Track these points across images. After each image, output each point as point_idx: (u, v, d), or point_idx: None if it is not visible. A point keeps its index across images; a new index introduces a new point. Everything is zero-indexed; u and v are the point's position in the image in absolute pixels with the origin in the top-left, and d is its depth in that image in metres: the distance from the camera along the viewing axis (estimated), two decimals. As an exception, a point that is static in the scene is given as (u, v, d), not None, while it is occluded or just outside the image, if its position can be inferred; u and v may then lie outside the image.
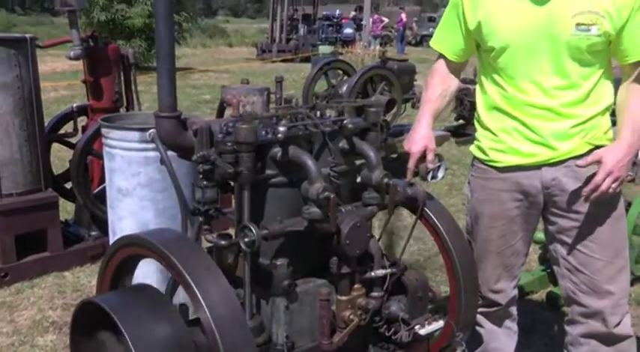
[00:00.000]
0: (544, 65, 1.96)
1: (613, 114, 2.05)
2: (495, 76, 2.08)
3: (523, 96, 2.01)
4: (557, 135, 2.00)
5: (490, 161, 2.14)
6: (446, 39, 2.19)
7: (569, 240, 2.07)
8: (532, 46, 1.95)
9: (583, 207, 2.02)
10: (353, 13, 26.98)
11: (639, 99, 1.96)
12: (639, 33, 1.90)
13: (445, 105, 2.26)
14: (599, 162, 1.90)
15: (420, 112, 2.20)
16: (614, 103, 2.04)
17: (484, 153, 2.16)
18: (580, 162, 1.95)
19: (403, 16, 23.93)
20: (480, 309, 2.24)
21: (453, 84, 2.24)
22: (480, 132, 2.18)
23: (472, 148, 2.23)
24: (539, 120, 2.00)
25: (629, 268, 2.10)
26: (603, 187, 1.89)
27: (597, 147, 2.01)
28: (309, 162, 1.71)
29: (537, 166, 2.04)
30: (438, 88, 2.21)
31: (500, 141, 2.09)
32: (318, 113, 1.92)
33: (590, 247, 2.03)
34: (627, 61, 1.96)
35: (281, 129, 1.70)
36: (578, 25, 1.89)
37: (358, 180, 1.93)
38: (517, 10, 1.96)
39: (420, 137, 2.11)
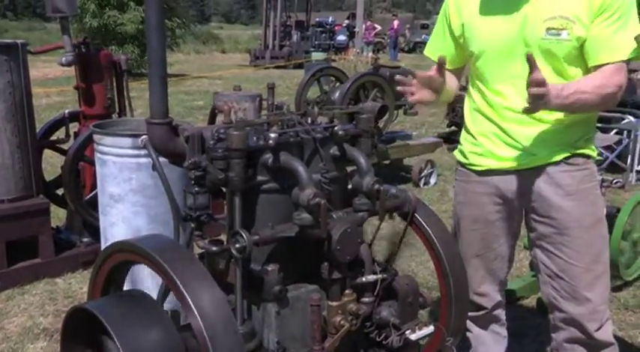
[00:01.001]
0: (520, 68, 1.96)
1: (600, 121, 2.07)
2: (477, 81, 2.12)
3: (501, 99, 2.04)
4: (534, 141, 2.02)
5: (470, 164, 2.17)
6: (438, 47, 2.22)
7: (548, 246, 2.09)
8: (508, 49, 2.00)
9: (560, 213, 2.04)
10: (346, 22, 27.07)
11: (594, 75, 1.93)
12: (599, 38, 1.91)
13: (450, 90, 2.15)
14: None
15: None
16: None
17: (465, 156, 2.19)
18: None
19: (395, 23, 24.06)
20: (468, 314, 2.25)
21: (454, 79, 2.22)
22: (462, 136, 2.22)
23: (455, 152, 2.27)
24: (515, 124, 2.03)
25: (608, 274, 2.11)
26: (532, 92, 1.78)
27: (576, 154, 2.03)
28: (300, 169, 1.72)
29: (515, 171, 2.07)
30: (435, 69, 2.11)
31: (479, 144, 2.12)
32: (310, 119, 1.94)
33: (568, 253, 2.05)
34: (590, 65, 1.96)
35: (272, 135, 1.71)
36: (548, 29, 1.93)
37: (350, 186, 1.94)
38: (494, 15, 2.01)
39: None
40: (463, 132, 2.22)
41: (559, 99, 1.84)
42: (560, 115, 2.00)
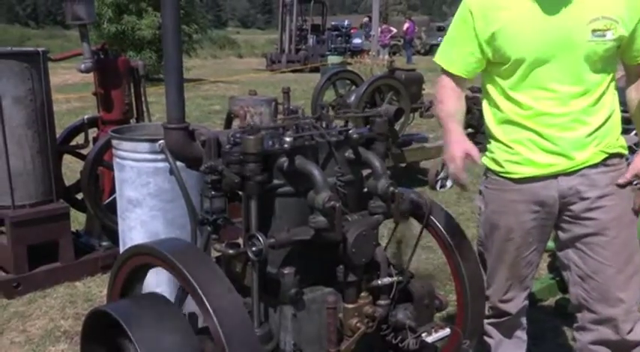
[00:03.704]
0: (560, 73, 1.97)
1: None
2: (507, 88, 2.06)
3: (539, 105, 2.01)
4: (574, 145, 2.00)
5: (505, 173, 2.11)
6: (457, 56, 2.13)
7: (582, 247, 2.06)
8: (548, 56, 1.96)
9: (597, 214, 2.02)
10: (365, 19, 27.01)
11: None
12: None
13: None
14: (637, 176, 1.98)
15: (447, 127, 2.11)
16: (620, 110, 2.06)
17: (499, 165, 2.12)
18: (620, 180, 2.01)
19: (406, 25, 24.01)
20: (490, 320, 2.23)
21: (463, 98, 2.20)
22: (492, 145, 2.14)
23: (485, 160, 2.19)
24: (554, 129, 2.00)
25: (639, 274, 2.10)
26: None
27: (611, 155, 2.03)
28: (316, 172, 1.73)
29: (554, 176, 2.05)
30: (453, 102, 2.15)
31: (515, 153, 2.06)
32: (324, 123, 1.95)
33: (603, 254, 2.03)
34: (638, 61, 2.01)
35: (287, 139, 1.73)
36: (594, 31, 1.92)
37: (365, 189, 1.95)
38: (532, 21, 1.96)
39: (458, 141, 2.05)
40: (492, 141, 2.14)
41: None
42: (593, 117, 2.00)
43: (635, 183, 4.51)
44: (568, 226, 2.09)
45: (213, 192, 1.77)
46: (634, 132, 5.83)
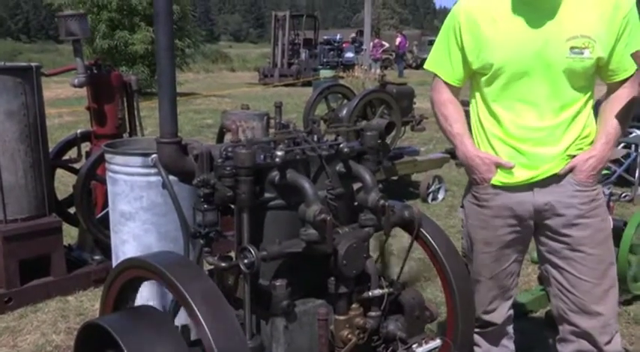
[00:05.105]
0: (539, 88, 2.03)
1: None
2: (489, 100, 2.11)
3: (517, 118, 2.06)
4: (545, 160, 2.06)
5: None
6: (446, 64, 2.18)
7: (558, 262, 2.12)
8: (528, 68, 2.01)
9: (573, 231, 2.08)
10: (353, 35, 27.20)
11: (615, 110, 2.06)
12: (626, 53, 1.99)
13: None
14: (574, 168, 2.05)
15: (464, 147, 2.16)
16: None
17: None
18: (560, 171, 2.06)
19: (398, 39, 24.22)
20: (476, 330, 2.26)
21: (462, 110, 2.25)
22: None
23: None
24: (529, 144, 2.06)
25: (617, 287, 2.14)
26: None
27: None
28: (307, 185, 1.76)
29: (528, 188, 2.08)
30: (459, 116, 2.20)
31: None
32: (316, 137, 1.98)
33: (580, 269, 2.08)
34: (615, 80, 2.07)
35: (279, 153, 1.75)
36: (572, 48, 1.98)
37: (356, 202, 1.98)
38: (514, 34, 2.02)
39: (488, 161, 2.12)
40: None
41: (609, 150, 2.05)
42: (571, 135, 2.06)
43: (623, 195, 4.55)
44: (546, 241, 2.15)
45: (205, 206, 1.79)
46: (621, 145, 5.93)
